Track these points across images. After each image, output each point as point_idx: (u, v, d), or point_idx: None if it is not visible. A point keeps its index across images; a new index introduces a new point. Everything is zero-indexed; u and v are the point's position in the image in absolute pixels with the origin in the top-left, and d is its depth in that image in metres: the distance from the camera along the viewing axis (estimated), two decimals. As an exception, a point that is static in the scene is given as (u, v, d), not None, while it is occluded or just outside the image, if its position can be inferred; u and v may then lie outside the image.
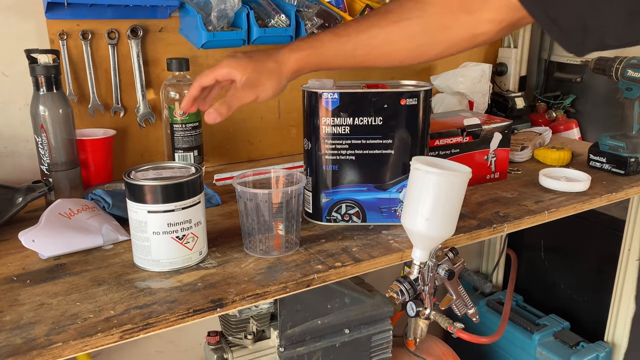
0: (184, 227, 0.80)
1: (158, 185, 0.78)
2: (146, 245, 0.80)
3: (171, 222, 0.79)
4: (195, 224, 0.82)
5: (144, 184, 0.78)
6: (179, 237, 0.80)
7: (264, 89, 0.79)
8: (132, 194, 0.79)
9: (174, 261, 0.81)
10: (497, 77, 1.74)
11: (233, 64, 0.79)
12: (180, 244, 0.80)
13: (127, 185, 0.79)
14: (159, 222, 0.79)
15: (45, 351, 0.63)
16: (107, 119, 1.20)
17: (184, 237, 0.80)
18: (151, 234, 0.79)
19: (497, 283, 1.93)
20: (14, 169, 1.14)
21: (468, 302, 0.93)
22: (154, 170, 0.84)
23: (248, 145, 1.39)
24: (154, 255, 0.80)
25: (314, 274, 0.81)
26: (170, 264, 0.81)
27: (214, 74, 0.80)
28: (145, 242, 0.80)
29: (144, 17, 1.18)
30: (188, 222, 0.80)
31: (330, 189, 0.96)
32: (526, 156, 1.37)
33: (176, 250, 0.80)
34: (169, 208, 0.78)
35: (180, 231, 0.80)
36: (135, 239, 0.81)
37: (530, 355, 1.60)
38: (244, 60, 0.79)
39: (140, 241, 0.80)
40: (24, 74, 1.01)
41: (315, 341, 1.02)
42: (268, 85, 0.79)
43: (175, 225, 0.79)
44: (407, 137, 0.93)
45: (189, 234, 0.81)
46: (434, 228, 0.84)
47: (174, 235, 0.80)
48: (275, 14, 1.16)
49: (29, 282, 0.78)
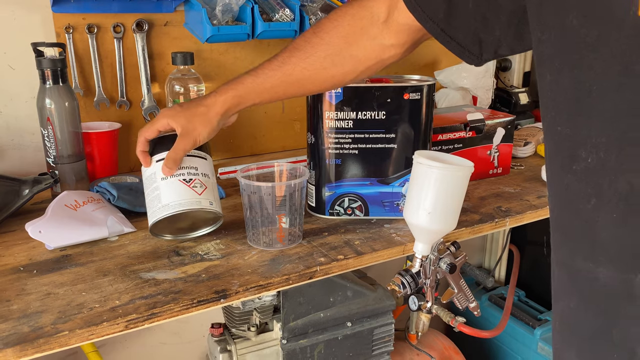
0: (190, 171, 0.84)
1: (162, 136, 0.85)
2: (157, 194, 0.84)
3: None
4: (202, 174, 0.86)
5: (154, 137, 0.85)
6: (185, 180, 0.84)
7: (199, 132, 0.84)
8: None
9: (182, 202, 0.83)
10: (501, 72, 1.74)
11: (169, 114, 0.84)
12: (188, 186, 0.84)
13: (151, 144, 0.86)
14: None
15: (52, 339, 0.64)
16: (113, 113, 1.21)
17: (191, 180, 0.84)
18: (159, 180, 0.83)
19: (499, 278, 1.93)
20: (21, 161, 1.15)
21: (469, 296, 0.94)
22: None
23: (252, 140, 1.40)
24: (163, 201, 0.83)
25: (317, 266, 0.82)
26: (179, 205, 0.83)
27: (154, 127, 0.85)
28: (156, 192, 0.84)
29: (150, 11, 1.19)
30: (194, 169, 0.85)
31: (333, 183, 0.97)
32: (529, 152, 1.37)
33: (184, 191, 0.83)
34: None
35: (186, 175, 0.84)
36: (149, 196, 0.85)
37: (531, 350, 1.60)
38: (177, 110, 0.84)
39: (153, 194, 0.84)
40: (31, 67, 1.01)
41: (317, 334, 1.02)
42: (201, 129, 0.84)
43: (181, 168, 0.84)
44: (410, 131, 0.94)
45: (195, 179, 0.84)
46: (436, 222, 0.84)
47: (180, 178, 0.84)
48: (279, 9, 1.17)
49: (35, 272, 0.79)
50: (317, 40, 0.80)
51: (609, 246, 0.49)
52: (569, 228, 0.53)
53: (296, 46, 0.82)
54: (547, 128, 0.53)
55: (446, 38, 0.71)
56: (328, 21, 0.81)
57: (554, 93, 0.51)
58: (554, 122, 0.51)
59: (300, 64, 0.81)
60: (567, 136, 0.50)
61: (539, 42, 0.52)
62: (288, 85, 0.83)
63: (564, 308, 0.55)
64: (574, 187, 0.50)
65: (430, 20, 0.71)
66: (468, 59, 0.72)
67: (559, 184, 0.53)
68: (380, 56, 0.80)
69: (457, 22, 0.70)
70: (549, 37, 0.50)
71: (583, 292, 0.52)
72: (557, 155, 0.52)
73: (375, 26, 0.77)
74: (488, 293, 1.79)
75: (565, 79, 0.49)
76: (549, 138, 0.53)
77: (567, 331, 0.55)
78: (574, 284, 0.53)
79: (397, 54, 0.80)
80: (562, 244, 0.55)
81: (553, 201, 0.55)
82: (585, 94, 0.47)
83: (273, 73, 0.82)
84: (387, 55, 0.80)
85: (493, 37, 0.69)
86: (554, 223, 0.56)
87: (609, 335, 0.50)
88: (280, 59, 0.82)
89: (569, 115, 0.50)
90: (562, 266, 0.55)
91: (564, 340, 0.56)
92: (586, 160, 0.48)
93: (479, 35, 0.70)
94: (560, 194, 0.53)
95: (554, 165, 0.53)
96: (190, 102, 0.86)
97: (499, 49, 0.71)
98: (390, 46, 0.78)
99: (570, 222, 0.52)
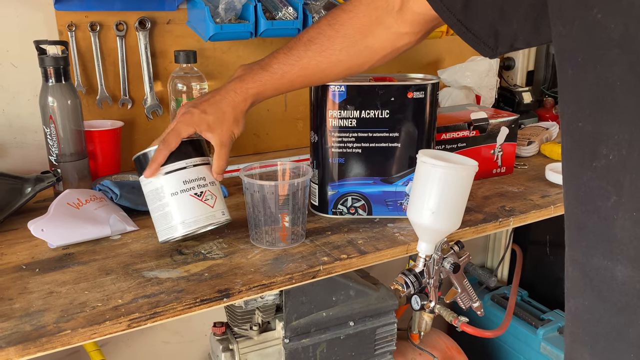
0: (199, 183, 0.81)
1: None
2: (167, 211, 0.80)
3: (187, 179, 0.80)
4: (210, 182, 0.83)
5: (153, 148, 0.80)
6: (197, 194, 0.80)
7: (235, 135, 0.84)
8: (143, 166, 0.81)
9: (198, 219, 0.81)
10: (504, 71, 1.73)
11: (198, 122, 0.80)
12: (200, 200, 0.80)
13: (137, 160, 0.81)
14: (176, 182, 0.79)
15: (54, 338, 0.64)
16: (115, 111, 1.21)
17: (202, 194, 0.81)
18: (169, 195, 0.79)
19: (502, 278, 1.93)
20: (23, 159, 1.15)
21: (473, 296, 0.93)
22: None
23: (254, 138, 1.40)
24: (176, 218, 0.80)
25: (320, 265, 0.82)
26: (195, 222, 0.80)
27: (181, 136, 0.81)
28: (165, 208, 0.80)
29: (152, 9, 1.18)
30: (203, 180, 0.81)
31: (336, 182, 0.97)
32: (533, 151, 1.37)
33: (197, 207, 0.80)
34: (181, 166, 0.80)
35: (197, 188, 0.80)
36: (155, 212, 0.82)
37: (534, 350, 1.60)
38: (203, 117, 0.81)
39: (161, 210, 0.81)
40: (33, 65, 1.01)
41: (320, 333, 1.02)
42: (236, 131, 0.84)
43: (191, 182, 0.80)
44: (413, 130, 0.93)
45: (206, 191, 0.81)
46: (440, 221, 0.84)
47: (192, 193, 0.80)
48: (282, 7, 1.16)
49: (38, 271, 0.79)
50: (332, 32, 0.80)
51: (628, 244, 0.48)
52: (587, 225, 0.52)
53: (311, 39, 0.81)
54: (567, 124, 0.52)
55: (462, 29, 0.70)
56: (342, 12, 0.80)
57: (576, 88, 0.50)
58: (575, 117, 0.50)
59: (316, 57, 0.81)
60: (588, 132, 0.49)
61: (559, 36, 0.51)
62: (304, 78, 0.83)
63: (578, 306, 0.54)
64: (593, 184, 0.49)
65: (447, 10, 0.70)
66: (483, 50, 0.72)
67: (577, 180, 0.51)
68: (395, 45, 0.80)
69: (474, 13, 0.69)
70: (571, 31, 0.49)
71: (599, 290, 0.51)
72: (576, 152, 0.51)
73: (390, 15, 0.77)
74: (491, 293, 1.78)
75: (589, 75, 0.48)
76: (568, 134, 0.52)
77: (580, 329, 0.54)
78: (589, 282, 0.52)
79: (411, 42, 0.80)
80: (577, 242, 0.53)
81: (569, 198, 0.54)
82: (609, 90, 0.46)
83: (289, 68, 0.82)
84: (402, 43, 0.80)
85: (510, 29, 0.68)
86: (569, 220, 0.55)
87: (626, 335, 0.49)
88: (296, 53, 0.81)
89: (591, 111, 0.48)
90: (576, 264, 0.54)
91: (576, 339, 0.55)
92: (607, 157, 0.47)
93: (495, 27, 0.69)
94: (578, 191, 0.52)
95: (572, 161, 0.52)
96: (209, 103, 0.82)
97: (515, 42, 0.70)
98: (405, 34, 0.78)
99: (588, 219, 0.51)
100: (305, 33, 0.82)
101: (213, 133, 0.81)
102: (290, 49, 0.82)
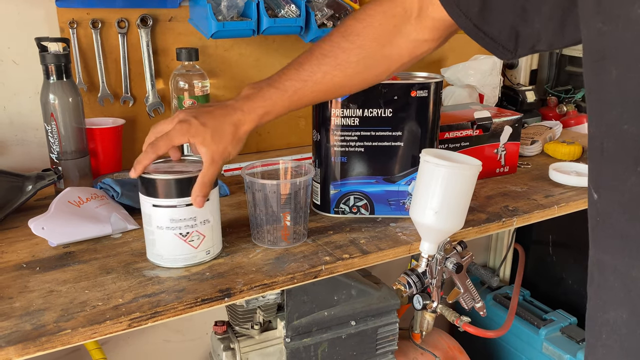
0: (187, 224, 0.78)
1: (162, 179, 0.76)
2: (151, 238, 0.79)
3: (174, 218, 0.77)
4: (202, 222, 0.79)
5: (149, 177, 0.76)
6: (182, 234, 0.78)
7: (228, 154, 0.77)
8: (141, 185, 0.78)
9: (177, 258, 0.79)
10: (507, 70, 1.72)
11: (194, 133, 0.74)
12: (184, 241, 0.78)
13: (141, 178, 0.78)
14: (163, 217, 0.77)
15: (54, 337, 0.63)
16: (117, 108, 1.21)
17: (188, 234, 0.78)
18: (155, 227, 0.78)
19: (504, 277, 1.92)
20: (24, 157, 1.15)
21: (476, 296, 0.93)
22: (167, 163, 0.82)
23: (256, 137, 1.39)
24: (157, 250, 0.79)
25: (322, 265, 0.81)
26: (172, 261, 0.79)
27: (172, 142, 0.75)
28: (151, 236, 0.79)
29: (154, 7, 1.18)
30: (192, 220, 0.78)
31: (338, 181, 0.96)
32: (536, 150, 1.36)
33: (179, 247, 0.78)
34: (171, 204, 0.76)
35: (183, 228, 0.77)
36: (145, 230, 0.81)
37: (536, 350, 1.59)
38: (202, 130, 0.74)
39: (148, 234, 0.80)
40: (34, 62, 1.01)
41: (321, 332, 1.02)
42: (232, 151, 0.77)
43: (178, 221, 0.77)
44: (416, 129, 0.93)
45: (193, 232, 0.78)
46: (443, 221, 0.83)
47: (177, 232, 0.77)
48: (285, 4, 1.16)
49: (38, 270, 0.79)
50: (347, 44, 0.76)
51: None
52: (630, 234, 0.49)
53: (324, 52, 0.77)
54: (607, 127, 0.49)
55: (479, 34, 0.68)
56: (356, 22, 0.76)
57: (621, 89, 0.47)
58: (620, 120, 0.47)
59: (331, 72, 0.77)
60: (634, 135, 0.46)
61: (598, 34, 0.48)
62: (317, 93, 0.79)
63: (616, 319, 0.51)
64: (637, 190, 0.47)
65: (462, 15, 0.67)
66: (501, 54, 0.69)
67: (621, 186, 0.48)
68: (415, 53, 0.77)
69: (492, 16, 0.66)
70: (614, 29, 0.46)
71: (637, 304, 0.48)
72: (619, 156, 0.48)
73: (408, 23, 0.74)
74: (493, 292, 1.78)
75: (637, 75, 0.45)
76: (611, 137, 0.49)
77: (617, 343, 0.51)
78: (627, 294, 0.49)
79: (430, 48, 0.77)
80: (620, 250, 0.50)
81: (609, 204, 0.51)
82: None
83: (302, 85, 0.77)
84: (421, 51, 0.77)
85: (532, 30, 0.65)
86: (611, 228, 0.51)
87: None
88: (308, 68, 0.77)
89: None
90: (617, 274, 0.51)
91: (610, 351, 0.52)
92: None
93: (516, 29, 0.66)
94: (622, 197, 0.49)
95: (615, 166, 0.49)
96: (211, 115, 0.76)
97: (537, 44, 0.67)
98: (424, 41, 0.75)
99: (632, 227, 0.48)
100: (317, 47, 0.78)
101: (207, 148, 0.74)
102: (302, 65, 0.78)
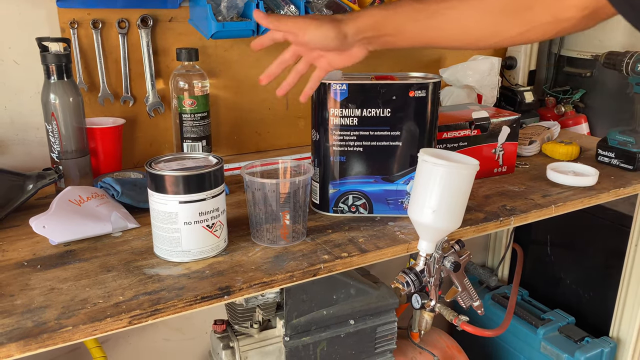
0: (213, 215, 0.81)
1: (190, 175, 0.78)
2: (176, 236, 0.80)
3: (202, 211, 0.80)
4: (222, 212, 0.83)
5: (176, 174, 0.78)
6: (209, 226, 0.81)
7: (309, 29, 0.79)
8: (159, 186, 0.78)
9: (204, 249, 0.82)
10: (506, 70, 1.73)
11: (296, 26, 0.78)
12: (210, 232, 0.81)
13: (153, 177, 0.78)
14: (191, 212, 0.79)
15: (55, 335, 0.64)
16: (117, 108, 1.21)
17: (213, 225, 0.81)
18: (182, 224, 0.79)
19: (502, 277, 1.93)
20: (25, 156, 1.15)
21: (473, 295, 0.93)
22: (176, 162, 0.83)
23: (256, 136, 1.40)
24: (184, 246, 0.80)
25: (321, 263, 0.82)
26: (201, 253, 0.81)
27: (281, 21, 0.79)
28: (175, 234, 0.80)
29: (154, 7, 1.18)
30: (216, 211, 0.82)
31: (337, 180, 0.97)
32: (534, 150, 1.37)
33: (206, 238, 0.81)
34: (200, 197, 0.79)
35: (210, 219, 0.81)
36: (161, 230, 0.80)
37: (534, 350, 1.60)
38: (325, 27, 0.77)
39: (168, 233, 0.80)
40: (35, 62, 1.01)
41: (320, 331, 1.02)
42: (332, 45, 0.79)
43: (206, 214, 0.80)
44: (415, 129, 0.93)
45: (217, 222, 0.82)
46: (441, 220, 0.84)
47: (204, 224, 0.80)
48: (284, 5, 1.16)
49: (39, 267, 0.79)
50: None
51: None
52: None
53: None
54: None
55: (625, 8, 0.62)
56: None
57: None
58: None
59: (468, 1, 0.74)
60: None
61: None
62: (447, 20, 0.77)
63: None
64: None
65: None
66: None
67: None
68: (557, 15, 0.70)
69: None
70: None
71: None
72: None
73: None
74: (491, 292, 1.78)
75: None
76: None
77: None
78: None
79: (574, 17, 0.70)
80: None
81: None
82: None
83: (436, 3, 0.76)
84: (565, 15, 0.70)
85: None
86: None
87: None
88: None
89: None
90: None
91: None
92: None
93: None
94: None
95: None
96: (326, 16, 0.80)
97: None
98: (571, 6, 0.69)
99: None
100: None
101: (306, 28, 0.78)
102: None
